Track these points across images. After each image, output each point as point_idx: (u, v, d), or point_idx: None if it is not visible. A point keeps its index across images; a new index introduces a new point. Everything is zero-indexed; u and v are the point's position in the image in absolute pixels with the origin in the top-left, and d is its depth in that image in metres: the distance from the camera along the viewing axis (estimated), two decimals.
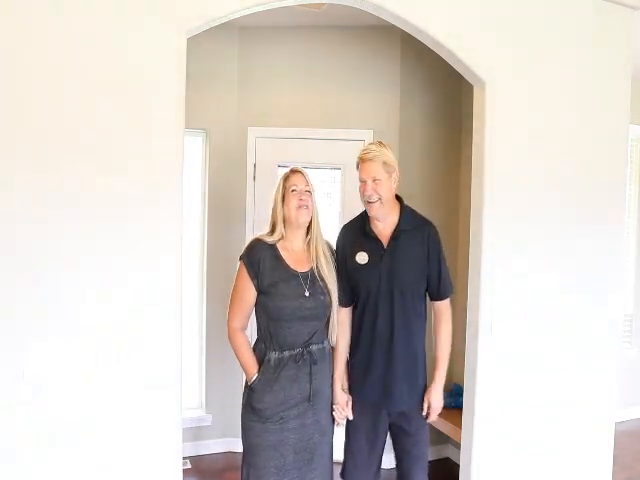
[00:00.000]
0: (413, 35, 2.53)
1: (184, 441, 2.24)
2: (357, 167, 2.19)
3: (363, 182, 2.14)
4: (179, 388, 2.14)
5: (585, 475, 2.87)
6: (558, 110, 2.71)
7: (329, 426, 2.20)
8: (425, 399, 2.20)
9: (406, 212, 2.20)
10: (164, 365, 2.10)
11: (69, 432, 1.99)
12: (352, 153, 3.44)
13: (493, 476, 2.66)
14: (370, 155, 2.11)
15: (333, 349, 2.22)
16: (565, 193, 2.74)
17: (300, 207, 2.09)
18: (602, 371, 2.87)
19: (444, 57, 2.58)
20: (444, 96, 3.53)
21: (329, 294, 2.13)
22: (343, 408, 2.21)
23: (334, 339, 2.20)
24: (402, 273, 2.13)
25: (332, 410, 2.20)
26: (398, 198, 2.24)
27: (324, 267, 2.13)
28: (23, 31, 1.90)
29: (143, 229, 2.07)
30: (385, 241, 2.16)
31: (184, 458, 2.41)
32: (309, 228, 2.16)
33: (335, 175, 3.53)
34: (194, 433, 3.53)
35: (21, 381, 1.92)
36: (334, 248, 2.29)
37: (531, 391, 2.70)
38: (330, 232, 2.37)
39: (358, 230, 2.22)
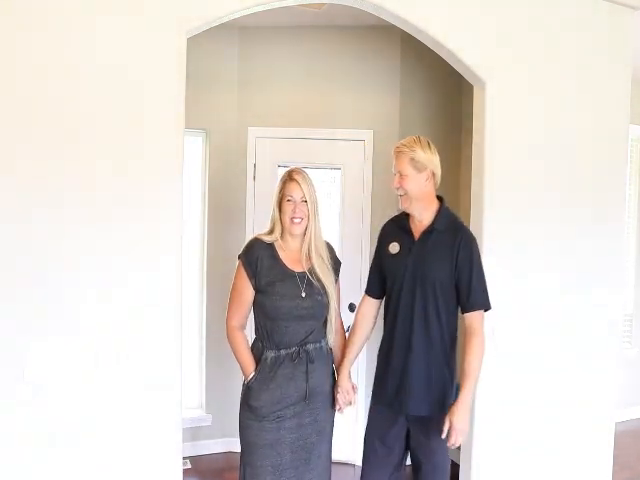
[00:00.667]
0: (413, 35, 2.53)
1: (184, 441, 2.24)
2: None
3: (394, 174, 2.17)
4: (179, 388, 2.15)
5: (585, 475, 2.87)
6: (558, 110, 2.71)
7: (328, 426, 2.19)
8: (447, 418, 2.09)
9: (442, 213, 2.17)
10: (164, 365, 2.11)
11: (69, 432, 1.99)
12: (352, 153, 3.51)
13: (493, 476, 2.66)
14: (398, 149, 2.13)
15: (332, 349, 2.22)
16: (565, 193, 2.74)
17: (293, 223, 2.10)
18: (602, 371, 2.87)
19: (444, 57, 2.58)
20: (444, 96, 3.53)
21: (327, 295, 2.13)
22: (348, 392, 2.19)
23: (331, 339, 2.20)
24: (426, 270, 2.11)
25: (335, 404, 2.19)
26: (440, 198, 2.22)
27: (319, 268, 2.13)
28: (23, 31, 1.90)
29: (143, 229, 2.07)
30: (417, 236, 2.17)
31: (184, 458, 2.41)
32: (306, 229, 2.17)
33: (335, 175, 3.53)
34: (194, 433, 3.53)
35: (21, 381, 1.92)
36: (335, 249, 2.30)
37: (531, 391, 2.70)
38: (330, 233, 2.37)
39: (397, 224, 2.26)
